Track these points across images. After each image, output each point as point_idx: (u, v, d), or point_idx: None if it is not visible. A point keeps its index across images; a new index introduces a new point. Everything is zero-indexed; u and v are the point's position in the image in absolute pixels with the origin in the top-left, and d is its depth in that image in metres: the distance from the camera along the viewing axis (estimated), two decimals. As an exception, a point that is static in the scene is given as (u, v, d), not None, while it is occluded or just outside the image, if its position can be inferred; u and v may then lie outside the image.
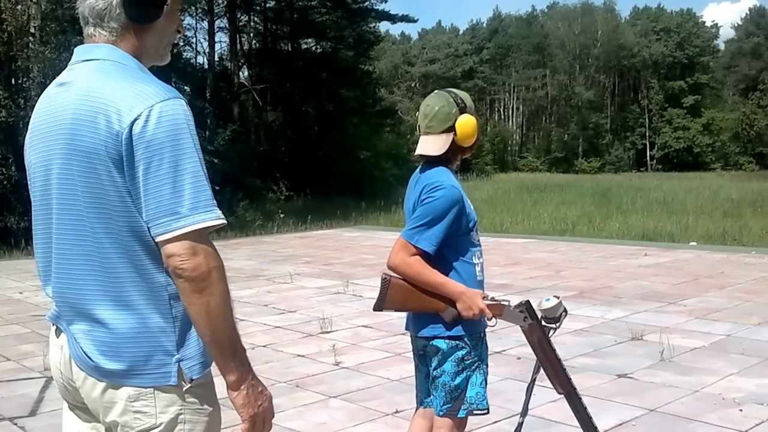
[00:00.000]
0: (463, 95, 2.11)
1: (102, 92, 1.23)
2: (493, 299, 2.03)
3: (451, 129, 2.03)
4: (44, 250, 1.34)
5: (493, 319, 2.03)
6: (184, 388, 1.28)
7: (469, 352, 2.05)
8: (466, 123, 2.02)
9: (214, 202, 1.24)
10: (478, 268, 2.12)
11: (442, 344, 2.06)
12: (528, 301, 2.10)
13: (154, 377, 1.26)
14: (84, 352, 1.27)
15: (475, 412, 2.04)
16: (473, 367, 2.05)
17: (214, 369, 1.32)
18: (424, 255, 2.00)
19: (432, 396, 2.13)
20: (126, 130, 1.19)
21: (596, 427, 2.29)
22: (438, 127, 2.04)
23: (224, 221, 1.24)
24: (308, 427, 3.30)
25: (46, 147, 1.29)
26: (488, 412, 2.10)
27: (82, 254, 1.26)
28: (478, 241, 2.15)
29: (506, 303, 2.04)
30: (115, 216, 1.23)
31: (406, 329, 2.23)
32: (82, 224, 1.25)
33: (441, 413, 2.07)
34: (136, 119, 1.19)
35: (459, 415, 2.05)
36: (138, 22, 1.29)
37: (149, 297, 1.25)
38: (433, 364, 2.09)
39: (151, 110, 1.20)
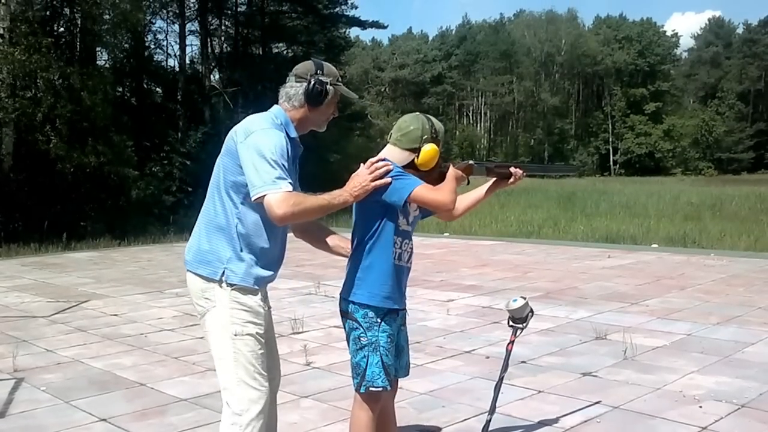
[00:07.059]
0: (439, 126, 2.35)
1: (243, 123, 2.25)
2: (460, 162, 2.37)
3: (416, 151, 2.28)
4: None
5: (467, 179, 2.39)
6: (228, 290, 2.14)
7: (363, 333, 2.24)
8: (430, 151, 2.28)
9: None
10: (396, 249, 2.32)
11: (345, 323, 2.32)
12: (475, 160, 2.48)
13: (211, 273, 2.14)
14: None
15: (371, 389, 2.23)
16: (370, 348, 2.23)
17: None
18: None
19: None
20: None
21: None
22: (405, 144, 2.30)
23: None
24: (280, 427, 3.28)
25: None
26: (386, 390, 2.26)
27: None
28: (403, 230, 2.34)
29: (472, 162, 2.39)
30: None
31: None
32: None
33: (354, 388, 2.30)
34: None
35: (360, 391, 2.26)
36: (309, 105, 2.20)
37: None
38: None
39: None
